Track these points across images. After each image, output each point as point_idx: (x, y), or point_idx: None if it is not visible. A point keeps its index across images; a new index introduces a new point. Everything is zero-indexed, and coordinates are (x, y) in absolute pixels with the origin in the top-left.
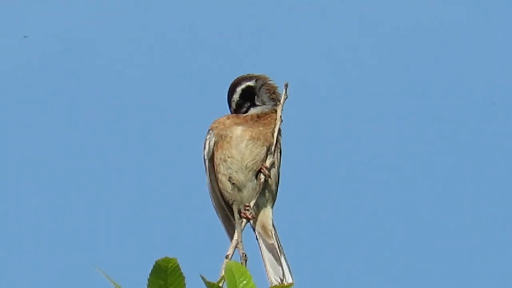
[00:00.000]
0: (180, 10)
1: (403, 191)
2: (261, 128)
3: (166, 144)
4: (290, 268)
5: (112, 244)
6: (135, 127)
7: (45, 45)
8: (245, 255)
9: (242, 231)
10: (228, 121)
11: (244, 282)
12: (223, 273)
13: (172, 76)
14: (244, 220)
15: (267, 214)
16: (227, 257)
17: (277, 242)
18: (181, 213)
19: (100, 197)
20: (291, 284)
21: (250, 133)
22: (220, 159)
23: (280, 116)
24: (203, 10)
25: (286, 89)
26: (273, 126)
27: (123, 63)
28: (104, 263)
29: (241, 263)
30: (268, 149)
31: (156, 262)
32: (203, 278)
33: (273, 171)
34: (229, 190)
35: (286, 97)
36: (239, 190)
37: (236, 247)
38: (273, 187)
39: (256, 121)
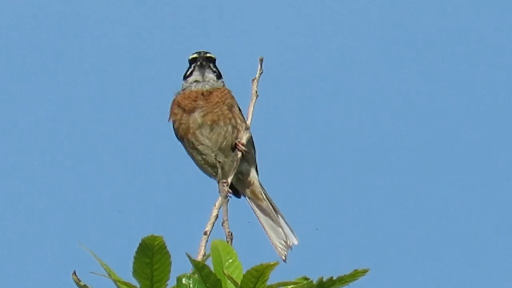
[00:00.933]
0: None
1: (381, 145)
2: (216, 110)
3: (143, 118)
4: (292, 229)
5: (98, 223)
6: (108, 99)
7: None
8: (231, 234)
9: (227, 209)
10: (180, 111)
11: (230, 260)
12: (202, 250)
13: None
14: (229, 198)
15: (252, 176)
16: (205, 233)
17: (270, 203)
18: (167, 191)
19: (85, 175)
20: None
21: (211, 117)
22: (191, 147)
23: (256, 91)
24: None
25: (261, 64)
26: (225, 99)
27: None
28: (90, 241)
29: (227, 242)
30: (232, 124)
31: (142, 240)
32: (189, 256)
33: (248, 145)
34: (209, 170)
35: (261, 72)
36: (220, 168)
37: (214, 223)
38: (252, 153)
39: (207, 100)
